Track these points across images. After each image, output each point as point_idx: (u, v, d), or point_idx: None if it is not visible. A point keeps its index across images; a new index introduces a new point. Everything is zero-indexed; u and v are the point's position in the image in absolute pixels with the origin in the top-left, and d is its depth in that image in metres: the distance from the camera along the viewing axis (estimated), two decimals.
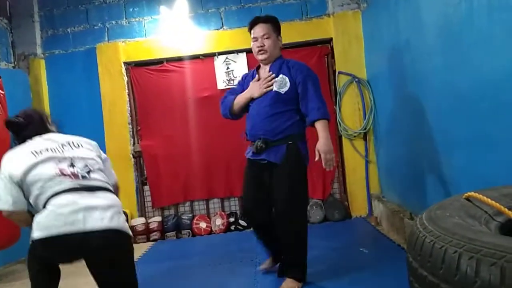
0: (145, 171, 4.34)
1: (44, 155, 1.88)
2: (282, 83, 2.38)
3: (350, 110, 4.06)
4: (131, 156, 4.25)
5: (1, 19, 4.20)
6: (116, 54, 4.23)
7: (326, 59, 4.22)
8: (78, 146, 2.01)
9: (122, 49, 4.25)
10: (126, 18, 4.31)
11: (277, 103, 2.37)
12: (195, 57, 4.24)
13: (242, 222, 4.13)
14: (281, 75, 2.40)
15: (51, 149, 1.92)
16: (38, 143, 1.95)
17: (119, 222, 1.81)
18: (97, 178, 1.93)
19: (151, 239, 4.11)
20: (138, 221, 4.13)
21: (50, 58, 4.32)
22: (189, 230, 4.14)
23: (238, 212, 4.26)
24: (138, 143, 4.32)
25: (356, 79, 4.02)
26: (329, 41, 4.16)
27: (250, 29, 2.50)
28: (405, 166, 3.16)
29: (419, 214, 1.16)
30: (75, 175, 1.87)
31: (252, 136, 2.43)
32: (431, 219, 1.05)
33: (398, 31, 3.02)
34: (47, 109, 4.21)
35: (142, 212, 4.29)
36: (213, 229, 4.14)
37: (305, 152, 2.41)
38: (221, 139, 4.11)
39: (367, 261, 2.76)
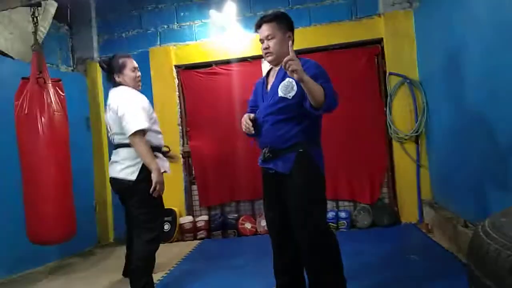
0: (193, 171, 4.43)
1: None
2: (288, 88, 2.09)
3: (402, 113, 3.93)
4: (181, 156, 4.37)
5: (62, 26, 4.46)
6: (167, 58, 4.37)
7: (376, 60, 4.12)
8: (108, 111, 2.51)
9: (173, 52, 4.38)
10: (177, 23, 4.44)
11: (284, 108, 2.09)
12: (243, 60, 4.29)
13: None
14: (287, 79, 2.10)
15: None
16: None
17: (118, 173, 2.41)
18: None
19: (198, 237, 4.20)
20: (186, 220, 4.23)
21: None
22: (234, 230, 4.18)
23: None
24: (187, 144, 4.42)
25: (408, 80, 3.89)
26: (379, 41, 4.06)
27: (256, 31, 2.24)
28: (461, 171, 3.01)
29: (480, 222, 1.10)
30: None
31: (261, 143, 2.20)
32: (496, 226, 0.99)
33: (452, 30, 2.89)
34: (102, 110, 4.41)
35: (190, 211, 4.39)
36: (258, 229, 4.16)
37: (319, 159, 2.10)
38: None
39: (418, 270, 2.65)
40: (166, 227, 4.17)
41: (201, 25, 4.39)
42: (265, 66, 4.20)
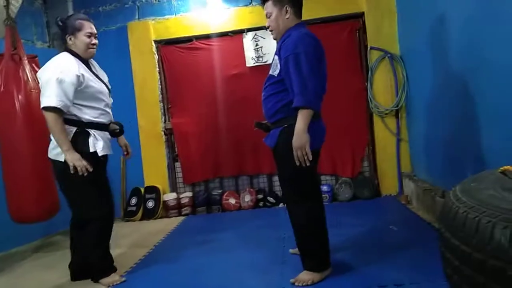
0: (176, 148, 4.43)
1: None
2: (274, 65, 2.18)
3: (382, 87, 3.97)
4: (163, 133, 4.34)
5: (36, 0, 4.31)
6: (146, 33, 4.28)
7: (357, 34, 4.12)
8: None
9: (153, 27, 4.30)
10: None
11: (272, 85, 2.18)
12: (224, 34, 4.23)
13: (270, 199, 4.17)
14: (275, 56, 2.19)
15: None
16: None
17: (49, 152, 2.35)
18: None
19: (182, 213, 4.23)
20: (170, 196, 4.25)
21: None
22: (219, 206, 4.23)
23: (266, 189, 4.31)
24: (169, 121, 4.40)
25: (389, 55, 3.91)
26: (360, 15, 4.06)
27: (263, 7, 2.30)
28: (439, 144, 3.08)
29: (452, 188, 1.14)
30: None
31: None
32: (465, 190, 1.03)
33: (434, 3, 2.90)
34: None
35: (173, 188, 4.41)
36: (242, 205, 4.21)
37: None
38: (250, 116, 4.09)
39: (397, 239, 2.73)
40: (150, 204, 4.18)
41: None
42: (247, 41, 4.17)
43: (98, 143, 2.36)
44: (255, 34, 4.15)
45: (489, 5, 2.10)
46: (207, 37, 4.27)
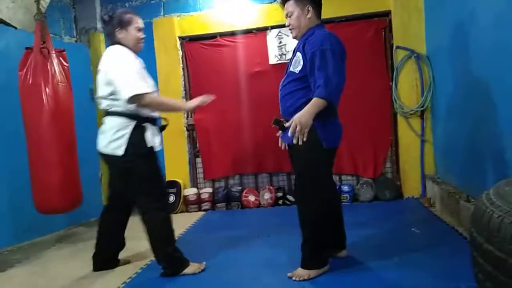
0: (197, 144, 4.45)
1: None
2: (296, 62, 2.20)
3: (407, 87, 3.89)
4: (185, 129, 4.38)
5: None
6: (171, 29, 4.31)
7: (383, 33, 4.05)
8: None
9: (177, 23, 4.33)
10: None
11: (292, 82, 2.21)
12: (248, 32, 4.23)
13: (290, 197, 4.15)
14: (297, 53, 2.21)
15: None
16: None
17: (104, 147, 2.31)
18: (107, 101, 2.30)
19: (202, 209, 4.26)
20: (190, 191, 4.29)
21: None
22: (238, 202, 4.24)
23: (286, 187, 4.29)
24: (191, 117, 4.42)
25: (415, 54, 3.83)
26: (387, 14, 3.99)
27: (282, 8, 2.37)
28: (465, 147, 3.01)
29: (485, 191, 1.10)
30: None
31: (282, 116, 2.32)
32: (499, 194, 1.00)
33: (463, 2, 2.83)
34: None
35: (194, 183, 4.44)
36: (261, 202, 4.21)
37: (322, 132, 2.11)
38: (271, 114, 4.07)
39: (419, 242, 2.68)
40: (171, 198, 4.22)
41: None
42: (270, 38, 4.15)
43: (154, 138, 2.36)
44: (279, 32, 4.13)
45: None
46: (231, 34, 4.27)
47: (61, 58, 3.12)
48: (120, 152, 2.24)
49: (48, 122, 2.94)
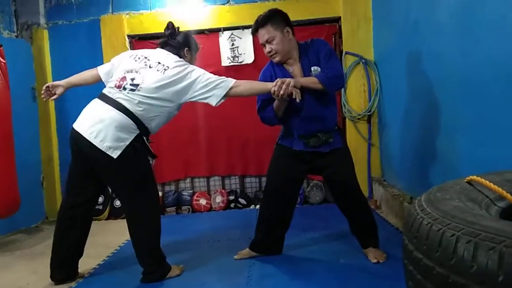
0: None
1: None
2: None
3: (356, 92, 4.00)
4: None
5: None
6: (120, 27, 4.16)
7: (333, 38, 4.13)
8: (154, 67, 2.26)
9: (126, 21, 4.18)
10: None
11: (324, 96, 2.34)
12: (200, 32, 4.16)
13: (242, 200, 4.14)
14: (313, 67, 2.33)
15: (136, 59, 2.32)
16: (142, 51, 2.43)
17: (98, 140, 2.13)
18: (127, 96, 2.19)
19: None
20: None
21: (54, 29, 4.26)
22: (189, 206, 4.16)
23: (238, 190, 4.27)
24: None
25: (363, 60, 3.94)
26: (337, 20, 4.07)
27: (253, 35, 2.43)
28: (408, 150, 3.13)
29: (417, 198, 1.13)
30: (118, 86, 2.24)
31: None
32: (430, 201, 1.02)
33: (407, 11, 2.94)
34: (49, 79, 4.17)
35: None
36: (213, 206, 4.16)
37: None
38: (223, 117, 4.07)
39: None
40: (118, 203, 4.06)
41: None
42: (223, 40, 4.12)
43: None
44: (232, 34, 4.11)
45: (459, 17, 2.14)
46: None
47: None
48: (114, 155, 2.13)
49: None
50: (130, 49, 4.23)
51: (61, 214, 2.39)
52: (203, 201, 4.16)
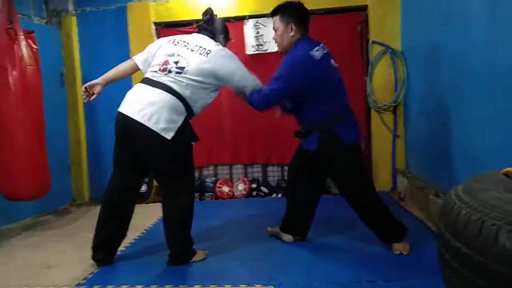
0: None
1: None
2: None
3: (382, 82, 3.94)
4: None
5: None
6: (146, 14, 4.20)
7: (360, 27, 4.07)
8: (196, 51, 2.29)
9: (153, 9, 4.21)
10: None
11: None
12: (225, 20, 4.12)
13: (264, 189, 4.16)
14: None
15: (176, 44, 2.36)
16: (179, 36, 2.46)
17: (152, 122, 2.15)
18: (174, 79, 2.22)
19: None
20: None
21: (82, 15, 4.32)
22: (212, 193, 4.21)
23: (260, 178, 4.29)
24: None
25: (390, 50, 3.88)
26: (364, 8, 4.01)
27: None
28: (435, 142, 3.08)
29: (453, 187, 1.12)
30: (163, 70, 2.26)
31: None
32: (468, 191, 1.02)
33: (438, 2, 2.87)
34: (77, 65, 4.27)
35: None
36: (235, 193, 4.20)
37: (344, 130, 2.44)
38: (247, 107, 4.07)
39: None
40: (143, 188, 4.14)
41: None
42: (248, 28, 4.11)
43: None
44: (257, 22, 4.09)
45: (491, 8, 2.08)
46: None
47: (29, 40, 3.00)
48: (169, 137, 2.18)
49: (15, 107, 2.83)
50: (156, 36, 4.27)
51: (108, 198, 2.42)
52: (225, 188, 4.21)
